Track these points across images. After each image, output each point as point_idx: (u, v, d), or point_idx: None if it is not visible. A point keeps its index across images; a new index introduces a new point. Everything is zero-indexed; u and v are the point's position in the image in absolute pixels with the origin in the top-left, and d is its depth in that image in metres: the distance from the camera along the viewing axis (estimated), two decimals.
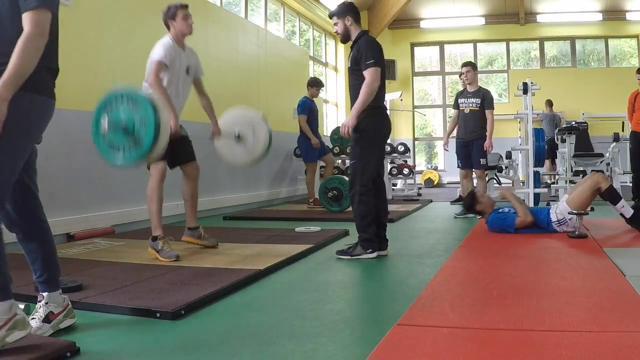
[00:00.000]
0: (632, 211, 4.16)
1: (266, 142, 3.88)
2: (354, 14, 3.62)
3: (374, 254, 3.54)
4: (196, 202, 3.84)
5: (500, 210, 4.41)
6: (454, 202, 7.44)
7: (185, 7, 3.64)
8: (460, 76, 6.32)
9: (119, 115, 2.67)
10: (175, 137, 3.37)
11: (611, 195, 4.18)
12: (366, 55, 3.44)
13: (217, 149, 3.99)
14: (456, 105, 6.04)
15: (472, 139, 5.84)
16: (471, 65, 5.98)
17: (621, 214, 4.23)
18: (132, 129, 2.64)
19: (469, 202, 4.68)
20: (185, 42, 3.70)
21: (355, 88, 3.52)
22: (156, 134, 2.64)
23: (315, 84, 7.00)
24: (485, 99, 5.79)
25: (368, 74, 3.42)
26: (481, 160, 5.82)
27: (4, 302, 1.75)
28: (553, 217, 4.22)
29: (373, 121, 3.52)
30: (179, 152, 3.64)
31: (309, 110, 6.82)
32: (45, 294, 2.04)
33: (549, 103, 10.02)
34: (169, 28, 3.65)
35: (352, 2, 3.74)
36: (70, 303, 2.13)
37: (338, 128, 7.96)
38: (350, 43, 3.66)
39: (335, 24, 3.65)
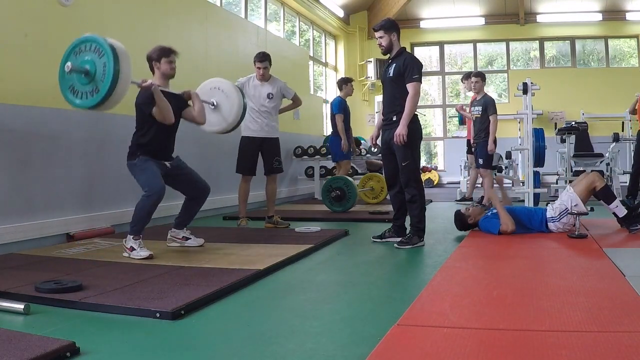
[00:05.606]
0: (625, 211, 4.18)
1: (240, 110, 4.09)
2: (398, 30, 3.98)
3: (424, 242, 3.96)
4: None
5: (490, 214, 4.40)
6: (459, 201, 7.53)
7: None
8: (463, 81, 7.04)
9: (84, 58, 2.98)
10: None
11: (606, 195, 4.19)
12: (412, 70, 3.81)
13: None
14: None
15: (476, 142, 6.31)
16: (481, 76, 6.38)
17: (614, 213, 4.24)
18: (94, 73, 2.94)
19: (460, 223, 4.52)
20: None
21: (395, 97, 3.90)
22: (113, 83, 2.90)
23: (346, 81, 6.73)
24: (488, 106, 6.14)
25: (412, 87, 3.81)
26: (479, 160, 6.29)
27: None
28: (549, 214, 4.22)
29: (415, 126, 3.89)
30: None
31: (344, 110, 6.61)
32: None
33: None
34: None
35: (394, 20, 4.11)
36: None
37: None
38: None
39: (381, 37, 3.93)
